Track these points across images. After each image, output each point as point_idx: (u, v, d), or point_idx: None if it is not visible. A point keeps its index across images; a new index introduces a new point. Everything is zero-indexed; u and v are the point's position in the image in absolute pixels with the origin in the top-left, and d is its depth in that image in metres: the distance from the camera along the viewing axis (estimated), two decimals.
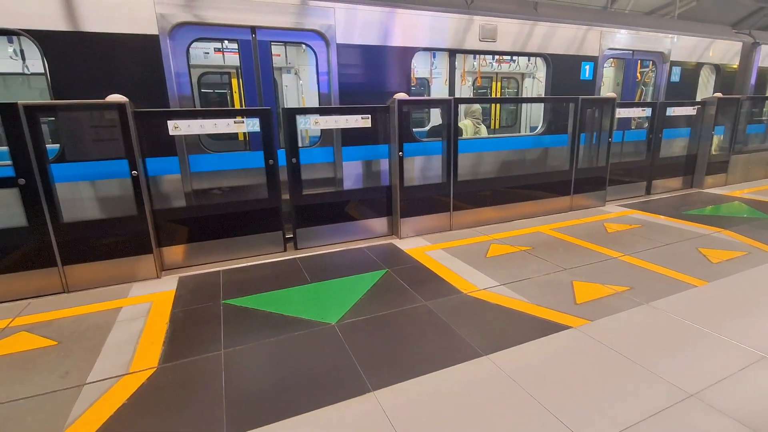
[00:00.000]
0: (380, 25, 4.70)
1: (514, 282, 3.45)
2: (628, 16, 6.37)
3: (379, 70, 4.80)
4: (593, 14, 6.11)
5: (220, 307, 3.13)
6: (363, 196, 4.63)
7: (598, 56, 6.12)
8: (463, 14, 5.11)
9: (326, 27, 4.44)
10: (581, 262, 3.87)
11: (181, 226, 3.97)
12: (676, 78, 7.00)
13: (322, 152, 4.78)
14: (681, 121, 6.83)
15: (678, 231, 4.77)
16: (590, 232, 4.78)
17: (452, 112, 4.61)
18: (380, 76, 4.81)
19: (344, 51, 4.57)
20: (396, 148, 4.45)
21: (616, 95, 5.61)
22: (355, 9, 4.54)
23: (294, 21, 4.33)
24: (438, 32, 5.03)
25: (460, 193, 4.92)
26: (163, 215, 3.85)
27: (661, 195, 6.61)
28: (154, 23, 3.84)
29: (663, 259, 3.89)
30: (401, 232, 4.68)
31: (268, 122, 3.98)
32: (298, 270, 3.82)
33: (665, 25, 6.72)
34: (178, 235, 3.96)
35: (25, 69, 5.07)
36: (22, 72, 5.12)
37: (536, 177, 5.45)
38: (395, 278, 3.59)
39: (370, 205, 4.67)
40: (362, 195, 4.64)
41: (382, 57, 4.78)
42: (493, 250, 4.26)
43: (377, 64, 4.77)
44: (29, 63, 5.05)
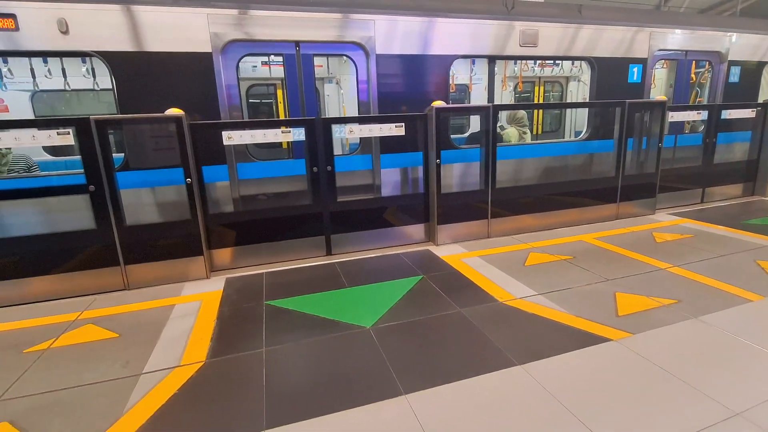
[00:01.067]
0: (418, 35, 4.78)
1: (552, 292, 3.39)
2: (681, 15, 6.06)
3: (418, 78, 4.88)
4: (643, 15, 5.87)
5: (263, 307, 3.31)
6: (399, 202, 4.71)
7: (647, 58, 5.87)
8: (503, 20, 5.09)
9: (366, 38, 4.58)
10: (625, 272, 3.73)
11: (229, 229, 4.21)
12: (734, 78, 6.56)
13: (361, 160, 4.92)
14: (742, 125, 6.39)
15: (734, 242, 4.47)
16: (637, 242, 4.59)
17: (491, 118, 4.60)
18: (418, 84, 4.88)
19: (383, 61, 4.69)
20: (434, 156, 4.49)
21: (666, 98, 5.35)
22: (394, 20, 4.65)
23: (335, 34, 4.50)
24: (477, 39, 5.04)
25: (498, 201, 4.88)
26: (213, 220, 4.11)
27: (717, 203, 6.20)
28: (208, 42, 4.14)
29: (716, 272, 3.67)
30: (438, 239, 4.71)
31: (312, 132, 4.16)
32: (337, 274, 3.95)
33: (722, 23, 6.33)
34: (226, 238, 4.21)
35: (95, 86, 5.62)
36: (92, 88, 5.68)
37: (580, 184, 5.29)
38: (430, 284, 3.62)
39: (406, 212, 4.74)
40: (398, 202, 4.72)
41: (421, 65, 4.85)
42: (531, 258, 4.19)
43: (416, 73, 4.85)
44: (99, 80, 5.59)
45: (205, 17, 4.09)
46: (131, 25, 3.91)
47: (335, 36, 4.51)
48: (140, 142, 3.91)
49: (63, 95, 6.45)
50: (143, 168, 4.00)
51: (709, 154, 6.07)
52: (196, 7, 4.06)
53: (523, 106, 5.85)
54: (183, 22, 4.04)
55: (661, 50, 5.97)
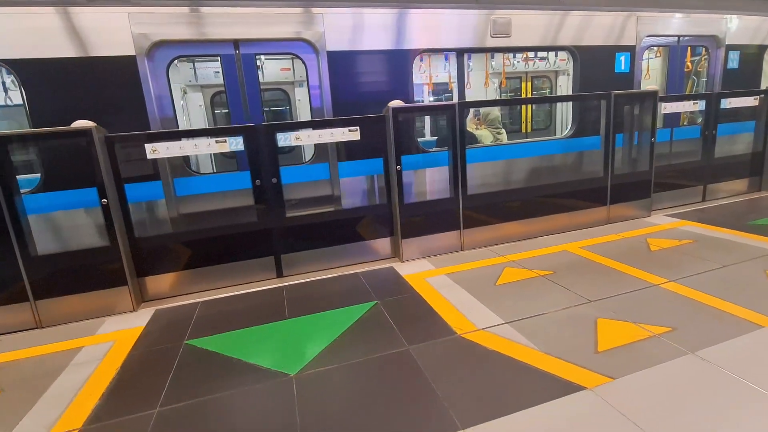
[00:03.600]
0: (375, 28, 4.30)
1: (522, 319, 2.87)
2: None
3: (377, 77, 4.39)
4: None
5: (180, 349, 2.81)
6: (360, 215, 4.21)
7: (635, 45, 5.34)
8: (472, 9, 4.60)
9: (314, 35, 4.11)
10: (612, 291, 3.20)
11: (164, 254, 3.74)
12: (733, 64, 6.01)
13: (317, 169, 4.43)
14: (745, 114, 5.84)
15: (740, 247, 3.91)
16: (628, 251, 4.04)
17: (457, 118, 4.09)
18: (378, 83, 4.39)
19: (336, 59, 4.21)
20: (393, 161, 3.99)
21: (658, 88, 4.82)
22: (347, 13, 4.17)
23: (279, 31, 4.03)
24: (442, 31, 4.55)
25: (471, 209, 4.36)
26: (142, 244, 3.63)
27: (720, 201, 5.63)
28: (131, 44, 3.68)
29: (719, 287, 3.12)
30: (403, 255, 4.20)
31: (254, 140, 3.69)
32: (280, 302, 3.45)
33: (718, 4, 5.79)
34: (160, 263, 3.73)
35: (7, 100, 5.14)
36: (5, 104, 5.19)
37: (564, 186, 4.76)
38: (382, 313, 3.11)
39: (369, 225, 4.23)
40: (359, 214, 4.21)
41: (379, 62, 4.37)
42: (505, 275, 3.67)
43: (374, 71, 4.37)
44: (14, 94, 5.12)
45: (126, 17, 3.64)
46: (41, 29, 3.46)
47: (279, 33, 4.04)
48: (52, 159, 3.45)
49: None
50: (59, 189, 3.53)
51: (709, 148, 5.51)
52: (116, 6, 3.60)
53: (492, 102, 5.33)
54: (100, 23, 3.58)
55: (650, 36, 5.44)
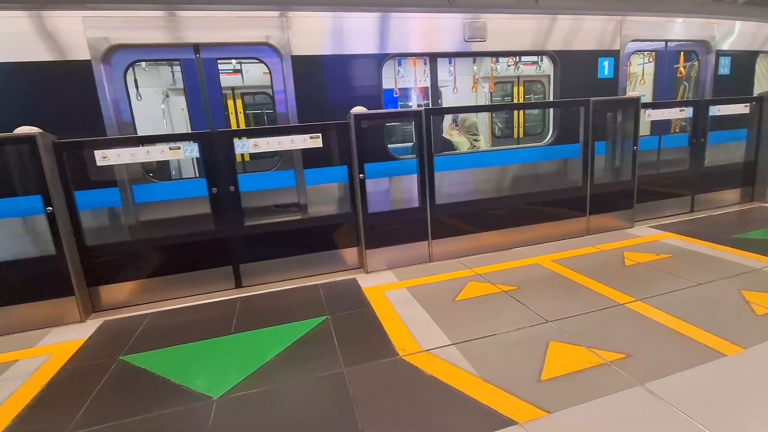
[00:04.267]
0: (342, 32, 4.18)
1: (471, 341, 2.71)
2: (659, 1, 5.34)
3: (344, 82, 4.27)
4: (613, 1, 5.17)
5: (113, 365, 2.70)
6: (325, 224, 4.08)
7: (619, 50, 5.16)
8: (444, 12, 4.46)
9: (278, 38, 4.00)
10: (573, 310, 3.03)
11: (120, 262, 3.64)
12: (725, 70, 5.79)
13: (282, 176, 4.31)
14: (738, 122, 5.62)
15: (720, 263, 3.71)
16: (601, 265, 3.86)
17: (424, 125, 3.95)
18: (345, 88, 4.27)
19: (301, 63, 4.10)
20: (356, 169, 3.86)
21: (640, 94, 4.63)
22: (312, 16, 4.06)
23: (241, 35, 3.93)
24: (413, 35, 4.41)
25: (441, 219, 4.21)
26: (95, 252, 3.54)
27: (710, 212, 5.41)
28: (86, 48, 3.60)
29: (687, 309, 2.94)
30: (368, 266, 4.06)
31: (210, 147, 3.58)
32: (231, 315, 3.33)
33: (708, 9, 5.58)
34: (116, 272, 3.64)
35: None
36: None
37: (541, 195, 4.59)
38: (329, 329, 2.97)
39: (334, 235, 4.10)
40: (324, 223, 4.09)
41: (346, 67, 4.24)
42: (468, 290, 3.51)
43: (341, 76, 4.24)
44: None
45: (81, 21, 3.56)
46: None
47: (241, 36, 3.94)
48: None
49: None
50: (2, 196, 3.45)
51: (698, 157, 5.30)
52: (70, 9, 3.53)
53: (464, 109, 5.15)
54: (54, 27, 3.51)
55: (635, 41, 5.25)
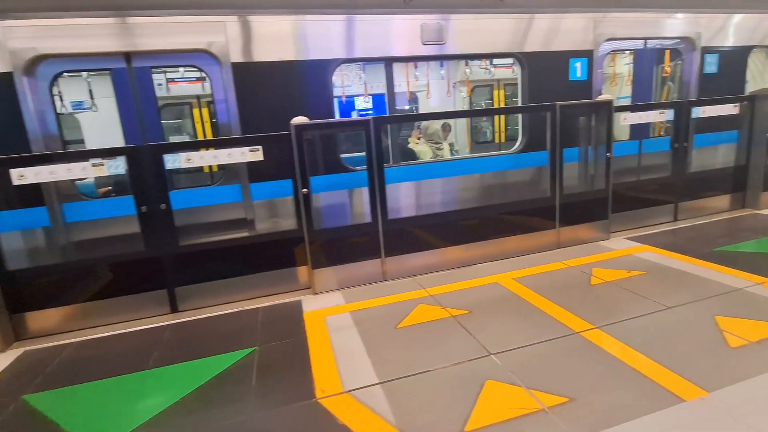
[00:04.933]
0: (287, 37, 3.93)
1: (400, 378, 2.42)
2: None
3: (290, 90, 4.01)
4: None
5: (12, 405, 2.44)
6: (268, 241, 3.81)
7: (592, 50, 4.85)
8: (398, 14, 4.19)
9: (216, 45, 3.75)
10: (521, 340, 2.72)
11: (47, 287, 3.41)
12: (712, 69, 5.45)
13: (226, 191, 4.06)
14: (730, 123, 5.28)
15: (697, 282, 3.38)
16: (565, 284, 3.55)
17: (372, 134, 3.67)
18: (291, 97, 4.01)
19: (242, 71, 3.85)
20: (299, 183, 3.59)
21: (612, 98, 4.32)
22: (253, 21, 3.81)
23: (176, 42, 3.69)
24: (365, 39, 4.15)
25: (395, 234, 3.92)
26: (19, 276, 3.31)
27: (695, 221, 5.05)
28: (7, 59, 3.38)
29: (649, 339, 2.62)
30: (315, 286, 3.78)
31: (137, 163, 3.34)
32: (154, 345, 3.06)
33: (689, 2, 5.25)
34: (42, 298, 3.40)
35: None
36: None
37: (505, 207, 4.29)
38: (252, 363, 2.69)
39: (281, 253, 3.83)
40: (267, 240, 3.81)
41: (292, 74, 3.99)
42: (415, 314, 3.21)
43: (286, 84, 3.99)
44: None
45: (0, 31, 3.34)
46: None
47: (177, 44, 3.70)
48: None
49: None
50: None
51: (680, 162, 4.96)
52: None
53: (415, 117, 4.84)
54: None
55: (610, 40, 4.94)
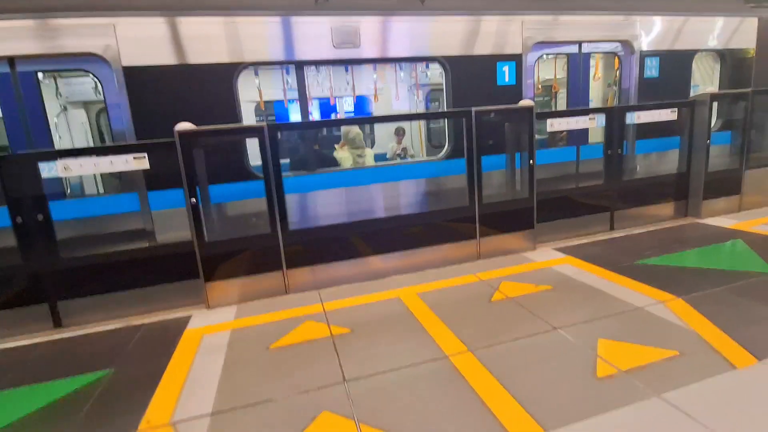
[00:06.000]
0: (183, 40, 3.76)
1: (237, 409, 2.23)
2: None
3: (189, 95, 3.84)
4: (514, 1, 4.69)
5: None
6: (160, 253, 3.62)
7: (521, 54, 4.68)
8: (307, 16, 4.02)
9: (105, 48, 3.59)
10: (385, 365, 2.53)
11: None
12: (652, 73, 5.27)
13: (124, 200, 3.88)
14: (674, 129, 5.10)
15: (602, 299, 3.20)
16: (465, 300, 3.37)
17: (267, 142, 3.49)
18: (191, 102, 3.84)
19: (135, 75, 3.68)
20: (187, 193, 3.41)
21: (533, 103, 4.14)
22: (143, 23, 3.64)
23: (63, 45, 3.52)
24: (271, 41, 3.98)
25: (299, 245, 3.75)
26: None
27: (633, 230, 4.87)
28: None
29: (516, 365, 2.43)
30: (209, 300, 3.60)
31: (10, 171, 3.17)
32: (16, 363, 2.88)
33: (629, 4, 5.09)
34: None
35: None
36: None
37: (421, 217, 4.12)
38: (94, 390, 2.51)
39: (174, 266, 3.65)
40: (158, 252, 3.63)
41: (191, 78, 3.82)
42: (295, 333, 3.03)
43: (185, 88, 3.82)
44: None
45: None
46: None
47: (64, 47, 3.53)
48: None
49: None
50: None
51: (615, 169, 4.77)
52: None
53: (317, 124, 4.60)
54: None
55: (541, 43, 4.76)
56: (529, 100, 4.13)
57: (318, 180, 4.25)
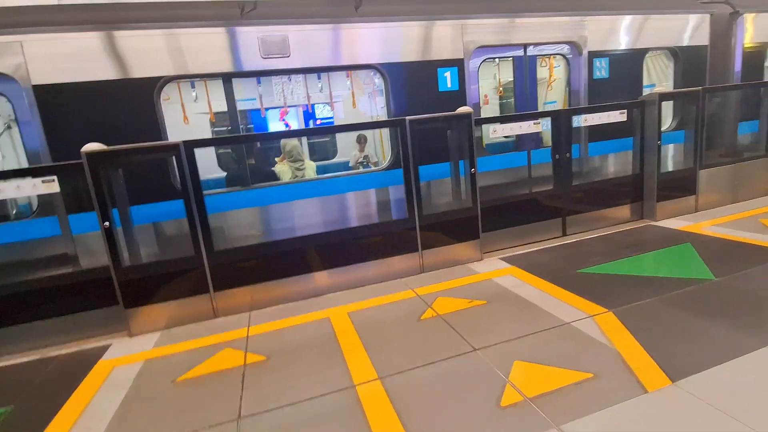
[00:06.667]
0: (94, 54, 3.59)
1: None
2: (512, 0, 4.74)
3: (105, 113, 3.68)
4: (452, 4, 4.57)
5: None
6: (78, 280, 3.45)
7: (462, 58, 4.56)
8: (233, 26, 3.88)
9: (12, 66, 3.42)
10: (288, 398, 2.38)
11: None
12: (602, 74, 5.18)
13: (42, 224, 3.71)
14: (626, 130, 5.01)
15: (531, 314, 3.07)
16: (394, 320, 3.22)
17: (185, 159, 3.34)
18: (107, 120, 3.67)
19: (46, 93, 3.51)
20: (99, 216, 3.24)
21: (471, 110, 4.01)
22: (54, 38, 3.48)
23: None
24: (194, 54, 3.83)
25: (228, 266, 3.59)
26: None
27: (586, 235, 4.76)
28: None
29: (423, 394, 2.30)
30: (131, 328, 3.43)
31: None
32: None
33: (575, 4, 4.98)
34: None
35: None
36: None
37: (360, 231, 3.97)
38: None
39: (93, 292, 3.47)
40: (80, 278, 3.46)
41: (106, 95, 3.65)
42: (209, 363, 2.87)
43: (99, 106, 3.65)
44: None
45: None
46: None
47: None
48: None
49: None
50: None
51: (564, 173, 4.66)
52: None
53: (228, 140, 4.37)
54: None
55: (483, 47, 4.65)
56: (467, 107, 4.00)
57: (252, 196, 4.09)
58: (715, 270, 3.45)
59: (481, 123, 4.24)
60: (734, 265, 3.51)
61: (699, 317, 2.76)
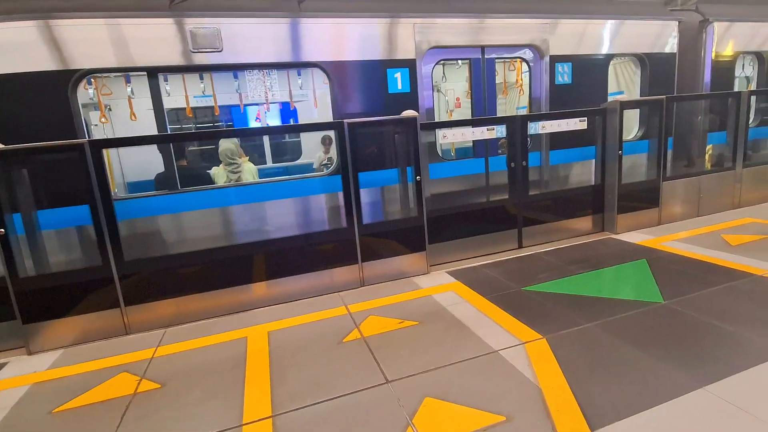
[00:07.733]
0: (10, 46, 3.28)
1: None
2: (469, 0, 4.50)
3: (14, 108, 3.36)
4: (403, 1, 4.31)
5: None
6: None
7: (415, 59, 4.30)
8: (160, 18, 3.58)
9: None
10: None
11: None
12: (565, 79, 4.95)
13: None
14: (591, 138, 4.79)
15: (460, 338, 2.82)
16: (316, 340, 2.96)
17: (90, 160, 3.04)
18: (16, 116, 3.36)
19: None
20: None
21: (416, 114, 3.75)
22: None
23: None
24: (117, 46, 3.53)
25: (141, 279, 3.29)
26: None
27: (543, 247, 4.53)
28: None
29: None
30: (30, 345, 3.12)
31: None
32: None
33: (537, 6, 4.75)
34: None
35: None
36: None
37: (290, 241, 3.69)
38: None
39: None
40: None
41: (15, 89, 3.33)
42: (93, 392, 2.58)
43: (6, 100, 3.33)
44: None
45: None
46: None
47: None
48: None
49: None
50: None
51: (520, 183, 4.43)
52: None
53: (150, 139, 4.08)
54: None
55: (437, 48, 4.39)
56: (412, 111, 3.74)
57: (178, 200, 3.80)
58: (665, 291, 3.24)
59: (428, 128, 3.99)
60: (685, 286, 3.30)
61: (636, 348, 2.53)
